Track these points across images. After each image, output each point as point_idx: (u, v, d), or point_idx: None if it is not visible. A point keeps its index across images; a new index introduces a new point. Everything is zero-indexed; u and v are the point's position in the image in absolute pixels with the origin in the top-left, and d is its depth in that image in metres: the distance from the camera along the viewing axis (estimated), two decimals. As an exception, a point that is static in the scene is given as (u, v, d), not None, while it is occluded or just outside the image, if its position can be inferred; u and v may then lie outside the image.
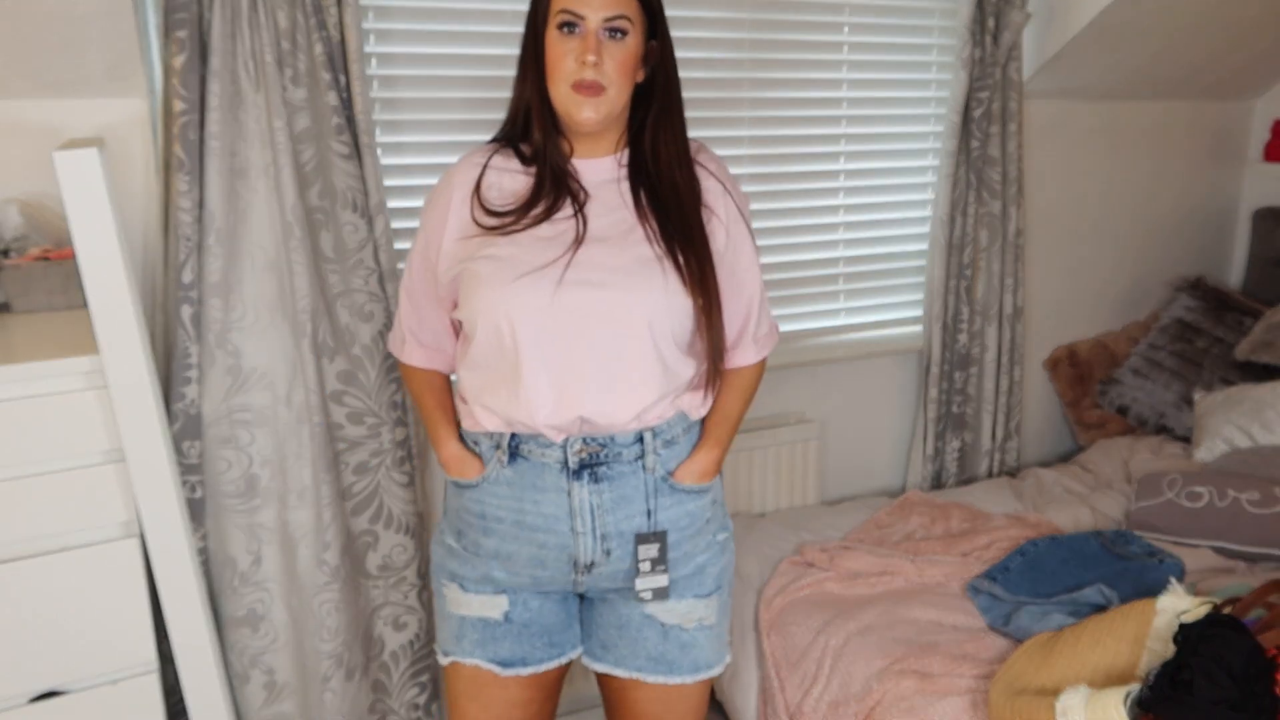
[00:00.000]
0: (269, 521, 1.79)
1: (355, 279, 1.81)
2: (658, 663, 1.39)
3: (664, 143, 1.30)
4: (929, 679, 1.67)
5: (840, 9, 2.32)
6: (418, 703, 2.02)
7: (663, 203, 1.29)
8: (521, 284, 1.23)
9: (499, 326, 1.24)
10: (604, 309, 1.24)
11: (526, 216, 1.27)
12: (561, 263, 1.24)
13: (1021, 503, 2.44)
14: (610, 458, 1.29)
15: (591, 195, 1.30)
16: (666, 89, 1.30)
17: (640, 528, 1.31)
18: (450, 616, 1.40)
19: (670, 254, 1.26)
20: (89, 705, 1.43)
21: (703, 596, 1.38)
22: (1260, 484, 2.22)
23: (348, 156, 1.77)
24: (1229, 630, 1.40)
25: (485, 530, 1.34)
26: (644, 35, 1.26)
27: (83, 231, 1.30)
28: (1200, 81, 2.80)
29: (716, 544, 1.41)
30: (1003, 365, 2.61)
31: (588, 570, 1.33)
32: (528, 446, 1.29)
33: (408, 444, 1.92)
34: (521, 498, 1.31)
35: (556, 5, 1.22)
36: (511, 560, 1.34)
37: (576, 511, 1.29)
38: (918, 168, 2.53)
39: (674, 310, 1.26)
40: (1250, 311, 2.81)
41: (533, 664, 1.39)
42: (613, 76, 1.22)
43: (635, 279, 1.25)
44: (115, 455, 1.40)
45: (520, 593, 1.37)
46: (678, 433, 1.33)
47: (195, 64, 1.63)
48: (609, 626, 1.40)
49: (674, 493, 1.33)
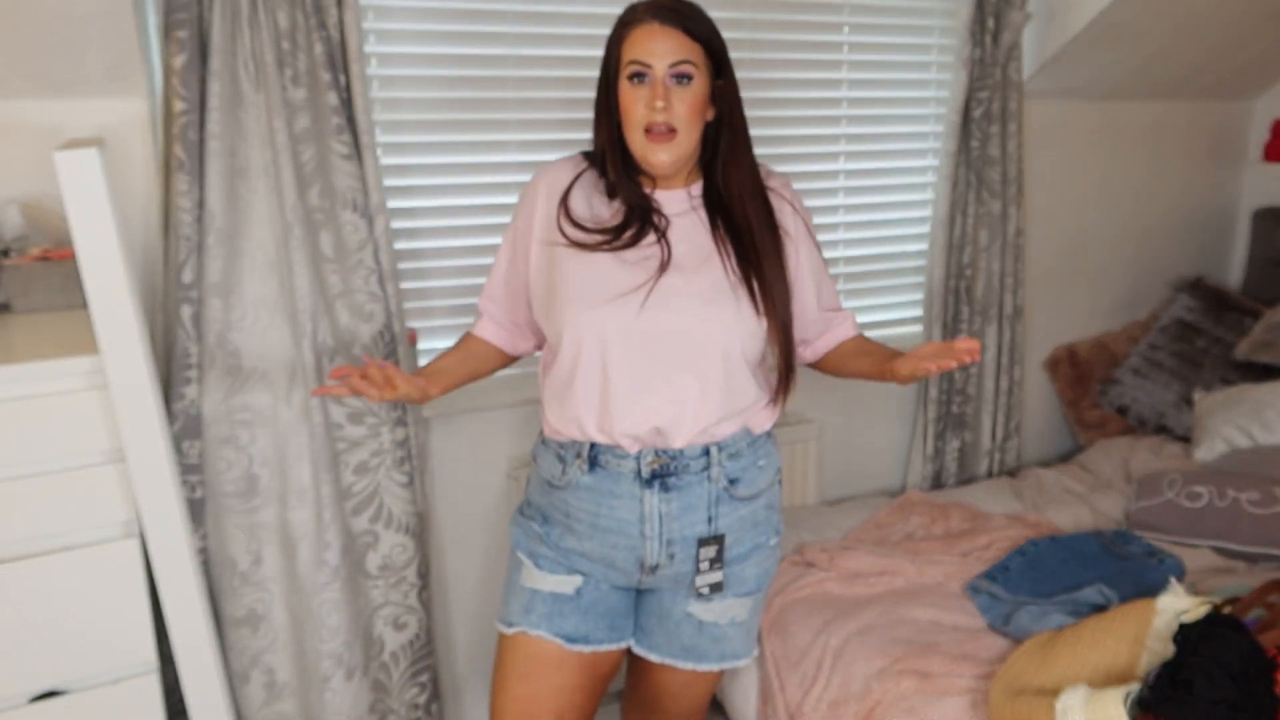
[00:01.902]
0: (269, 521, 1.79)
1: (355, 279, 1.81)
2: (689, 652, 1.50)
3: (735, 174, 1.40)
4: (929, 679, 1.67)
5: (840, 9, 2.32)
6: (418, 703, 2.02)
7: (738, 231, 1.39)
8: (612, 307, 1.34)
9: (586, 345, 1.35)
10: (681, 331, 1.34)
11: (618, 240, 1.37)
12: (646, 288, 1.34)
13: (1021, 503, 2.44)
14: (679, 469, 1.39)
15: (672, 223, 1.40)
16: (733, 124, 1.39)
17: (702, 533, 1.41)
18: (522, 589, 1.49)
19: (745, 280, 1.37)
20: (89, 705, 1.43)
21: (741, 596, 1.49)
22: (1260, 484, 2.22)
23: (348, 156, 1.77)
24: (1229, 630, 1.40)
25: (569, 528, 1.45)
26: (710, 76, 1.35)
27: (83, 231, 1.30)
28: (1200, 81, 2.80)
29: (767, 547, 1.51)
30: (1003, 365, 2.61)
31: (652, 572, 1.44)
32: (605, 457, 1.40)
33: (408, 444, 1.92)
34: (599, 502, 1.41)
35: (626, 57, 1.32)
36: (587, 556, 1.45)
37: (647, 517, 1.40)
38: (918, 168, 2.53)
39: (746, 333, 1.37)
40: (1250, 311, 2.81)
41: (594, 643, 1.47)
42: (682, 118, 1.32)
43: (711, 305, 1.35)
44: (115, 455, 1.40)
45: (592, 576, 1.47)
46: (742, 446, 1.43)
47: (195, 64, 1.63)
48: (650, 615, 1.51)
49: (732, 500, 1.43)
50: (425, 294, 2.05)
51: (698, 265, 1.37)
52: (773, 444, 1.51)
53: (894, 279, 2.58)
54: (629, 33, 1.33)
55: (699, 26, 1.33)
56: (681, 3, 1.34)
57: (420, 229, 2.01)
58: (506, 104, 2.02)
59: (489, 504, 2.19)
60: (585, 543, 1.44)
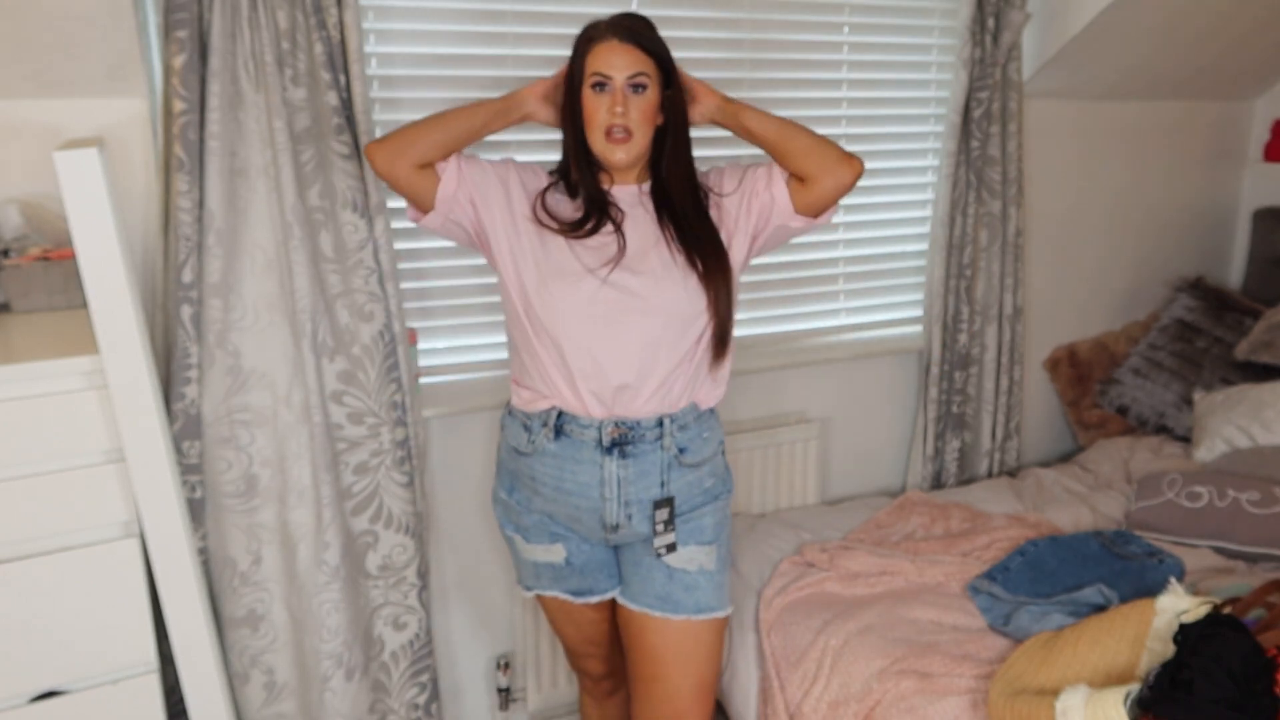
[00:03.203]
0: (269, 521, 1.79)
1: (355, 279, 1.81)
2: (664, 601, 1.63)
3: (676, 172, 1.60)
4: (929, 679, 1.68)
5: (840, 9, 2.32)
6: (418, 703, 2.02)
7: (678, 217, 1.59)
8: (577, 284, 1.53)
9: (554, 318, 1.53)
10: (637, 302, 1.53)
11: (581, 230, 1.56)
12: (608, 268, 1.54)
13: (1021, 503, 2.44)
14: (636, 438, 1.57)
15: (627, 215, 1.59)
16: (676, 129, 1.59)
17: (655, 496, 1.59)
18: (524, 561, 1.72)
19: (686, 256, 1.56)
20: (89, 705, 1.43)
21: (703, 544, 1.64)
22: (1260, 484, 2.22)
23: (348, 156, 1.77)
24: (1229, 630, 1.40)
25: (535, 490, 1.63)
26: (660, 87, 1.55)
27: (83, 231, 1.30)
28: (1200, 81, 2.80)
29: (718, 503, 1.68)
30: (1003, 365, 2.61)
31: (614, 530, 1.61)
32: (570, 426, 1.57)
33: (408, 444, 1.92)
34: (562, 468, 1.59)
35: (590, 69, 1.52)
36: (554, 517, 1.64)
37: (606, 481, 1.57)
38: (918, 168, 2.53)
39: (691, 298, 1.55)
40: (1250, 311, 2.81)
41: (599, 593, 1.70)
42: (637, 122, 1.52)
43: (661, 280, 1.54)
44: (115, 455, 1.40)
45: (570, 539, 1.66)
46: (690, 419, 1.61)
47: (195, 64, 1.63)
48: (627, 565, 1.68)
49: (681, 468, 1.61)
50: (425, 294, 2.05)
51: (647, 248, 1.56)
52: (715, 419, 1.68)
53: (894, 279, 2.58)
54: (592, 48, 1.52)
55: (653, 44, 1.52)
56: (636, 21, 1.53)
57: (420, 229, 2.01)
58: (506, 104, 2.02)
59: (489, 504, 2.19)
60: (550, 505, 1.62)
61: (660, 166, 1.61)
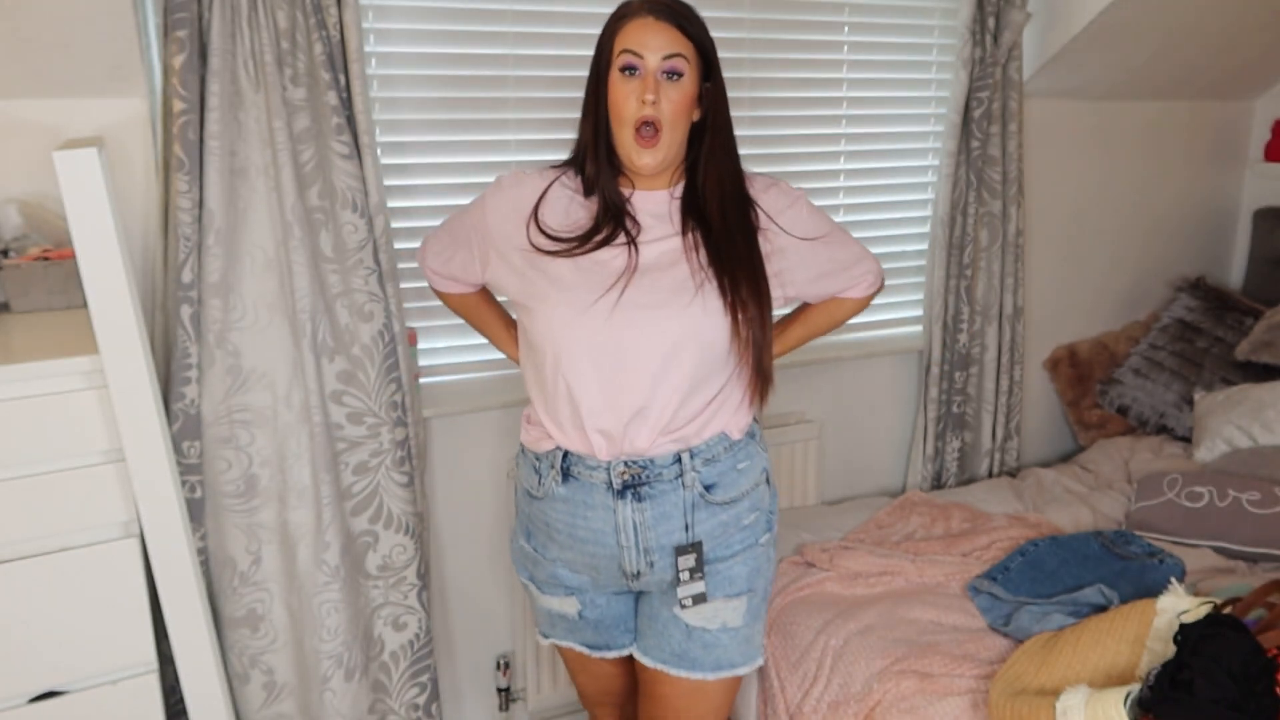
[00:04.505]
0: (269, 521, 1.79)
1: (355, 279, 1.81)
2: (681, 659, 1.48)
3: (714, 176, 1.39)
4: (929, 679, 1.67)
5: (840, 9, 2.32)
6: (417, 703, 2.02)
7: (712, 233, 1.38)
8: (581, 314, 1.34)
9: (556, 351, 1.37)
10: (649, 333, 1.34)
11: (588, 244, 1.37)
12: (617, 289, 1.35)
13: (1021, 503, 2.44)
14: (651, 478, 1.39)
15: (645, 227, 1.40)
16: (718, 127, 1.39)
17: (679, 541, 1.42)
18: (541, 609, 1.60)
19: (716, 278, 1.36)
20: (89, 705, 1.42)
21: (731, 596, 1.46)
22: (1260, 484, 2.22)
23: (348, 156, 1.77)
24: (1229, 630, 1.40)
25: (550, 537, 1.49)
26: (699, 78, 1.36)
27: (83, 231, 1.30)
28: (1200, 81, 2.80)
29: (757, 546, 1.49)
30: (1003, 365, 2.61)
31: (635, 578, 1.46)
32: (578, 468, 1.41)
33: (408, 444, 1.92)
34: (574, 513, 1.43)
35: (619, 48, 1.33)
36: (571, 564, 1.49)
37: (621, 527, 1.41)
38: (918, 168, 2.53)
39: (712, 328, 1.36)
40: (1250, 311, 2.81)
41: (615, 648, 1.57)
42: (669, 116, 1.33)
43: (677, 306, 1.34)
44: (115, 455, 1.39)
45: (586, 592, 1.52)
46: (719, 451, 1.43)
47: (195, 64, 1.63)
48: (643, 617, 1.53)
49: (710, 506, 1.42)
50: (425, 294, 2.05)
51: (667, 267, 1.37)
52: (756, 445, 1.49)
53: (894, 279, 2.58)
54: (623, 25, 1.34)
55: (693, 26, 1.34)
56: (677, 1, 1.35)
57: (420, 229, 2.01)
58: (506, 104, 2.02)
59: (489, 504, 2.19)
60: (567, 552, 1.48)
61: (697, 171, 1.40)
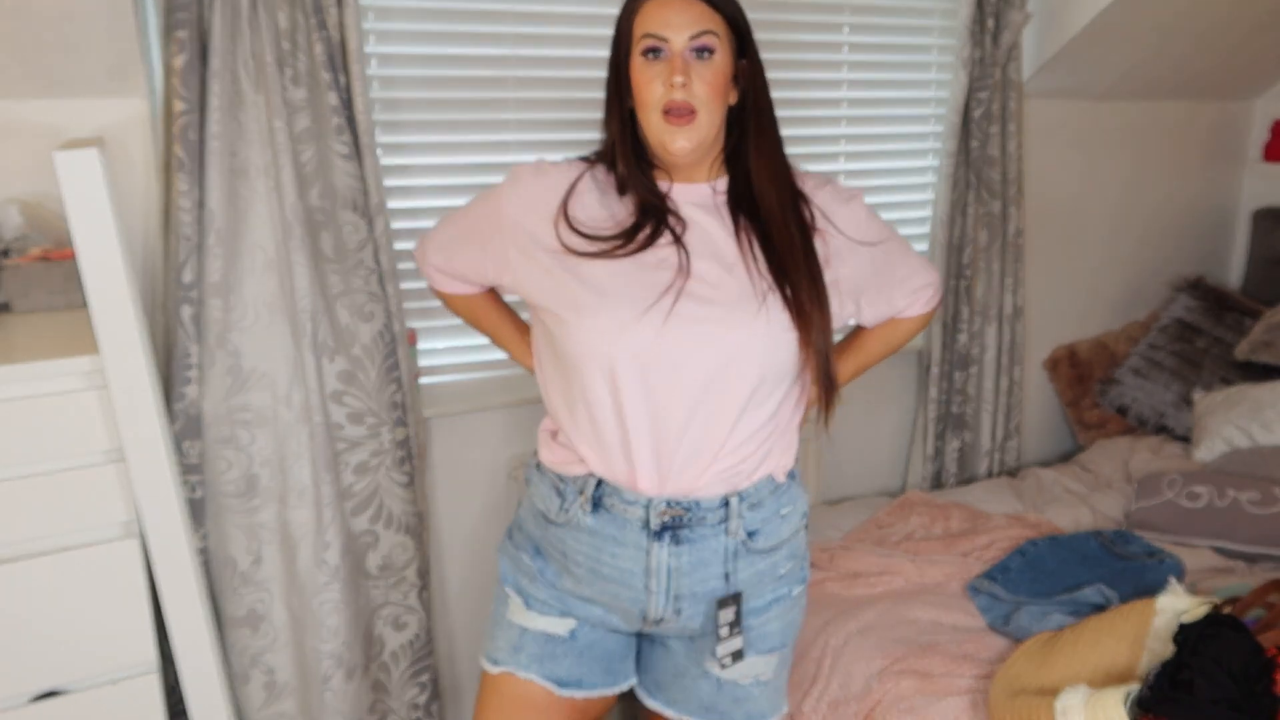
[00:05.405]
0: (269, 521, 1.79)
1: (355, 279, 1.81)
2: (710, 711, 1.34)
3: (763, 167, 1.24)
4: (929, 679, 1.67)
5: (840, 9, 2.32)
6: (418, 703, 2.02)
7: (765, 231, 1.22)
8: (626, 325, 1.17)
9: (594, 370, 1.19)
10: (706, 350, 1.18)
11: (631, 242, 1.20)
12: (669, 298, 1.17)
13: (1021, 503, 2.44)
14: (694, 521, 1.23)
15: (690, 224, 1.23)
16: (759, 110, 1.25)
17: (716, 590, 1.27)
18: (510, 625, 1.35)
19: (777, 286, 1.20)
20: (89, 705, 1.42)
21: (764, 653, 1.33)
22: (1260, 484, 2.22)
23: (348, 156, 1.77)
24: (1229, 630, 1.40)
25: (565, 569, 1.31)
26: (733, 54, 1.21)
27: (83, 231, 1.30)
28: (1200, 81, 2.80)
29: (790, 598, 1.35)
30: (1002, 365, 2.61)
31: (655, 624, 1.31)
32: (611, 500, 1.24)
33: (408, 444, 1.92)
34: (600, 548, 1.26)
35: (639, 31, 1.17)
36: (584, 600, 1.32)
37: (653, 571, 1.25)
38: (917, 168, 2.53)
39: (778, 342, 1.20)
40: (1250, 311, 2.81)
41: (588, 688, 1.34)
42: (703, 98, 1.17)
43: (737, 313, 1.18)
44: (115, 455, 1.39)
45: (588, 621, 1.34)
46: (764, 495, 1.28)
47: (195, 64, 1.63)
48: (666, 671, 1.37)
49: (750, 554, 1.28)
50: (425, 294, 2.05)
51: (724, 270, 1.21)
52: (798, 487, 1.34)
53: (894, 279, 2.58)
54: (642, 5, 1.18)
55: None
56: None
57: (420, 229, 2.01)
58: (506, 104, 2.02)
59: (489, 504, 2.19)
60: (584, 587, 1.30)
61: (739, 162, 1.25)
